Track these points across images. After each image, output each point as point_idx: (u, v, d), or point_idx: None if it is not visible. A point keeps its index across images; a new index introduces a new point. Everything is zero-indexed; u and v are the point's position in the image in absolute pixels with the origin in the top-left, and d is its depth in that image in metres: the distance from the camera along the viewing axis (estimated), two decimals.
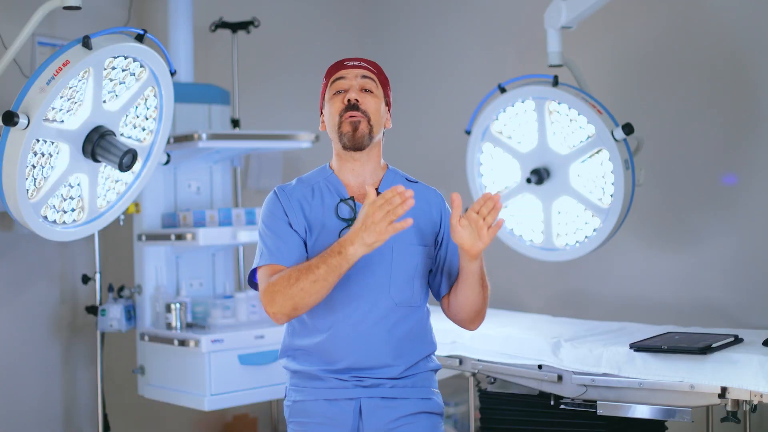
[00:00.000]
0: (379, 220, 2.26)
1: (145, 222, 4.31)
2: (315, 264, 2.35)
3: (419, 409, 2.55)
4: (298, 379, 2.58)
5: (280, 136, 4.43)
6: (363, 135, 2.51)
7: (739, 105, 4.06)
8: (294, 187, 2.60)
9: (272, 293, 2.39)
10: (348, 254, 2.31)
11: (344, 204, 2.55)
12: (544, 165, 3.99)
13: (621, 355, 3.26)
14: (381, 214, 2.26)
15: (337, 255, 2.32)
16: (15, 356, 4.33)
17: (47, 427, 4.44)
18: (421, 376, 2.58)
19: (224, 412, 4.92)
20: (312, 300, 2.37)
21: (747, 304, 4.01)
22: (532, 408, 3.62)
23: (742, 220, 4.06)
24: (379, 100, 2.57)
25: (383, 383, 2.52)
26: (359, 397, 2.51)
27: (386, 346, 2.51)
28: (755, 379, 2.96)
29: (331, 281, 2.35)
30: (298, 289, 2.35)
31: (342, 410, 2.51)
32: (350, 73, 2.56)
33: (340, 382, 2.51)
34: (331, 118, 2.55)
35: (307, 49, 5.39)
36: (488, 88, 4.22)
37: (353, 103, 2.51)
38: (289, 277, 2.37)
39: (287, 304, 2.37)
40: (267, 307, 2.41)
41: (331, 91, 2.57)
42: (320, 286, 2.35)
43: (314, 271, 2.34)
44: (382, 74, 2.62)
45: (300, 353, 2.56)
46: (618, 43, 4.48)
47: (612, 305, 4.45)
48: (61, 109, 3.31)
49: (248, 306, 4.34)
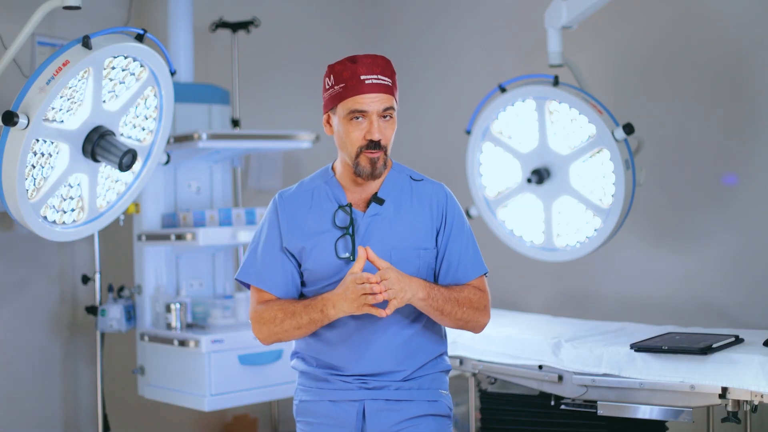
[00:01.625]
0: (357, 297, 2.37)
1: (145, 222, 4.30)
2: (299, 312, 2.47)
3: (424, 411, 2.54)
4: (305, 379, 2.61)
5: (280, 136, 4.42)
6: (380, 168, 2.50)
7: (739, 105, 4.06)
8: (293, 193, 2.60)
9: (259, 323, 2.53)
10: (329, 315, 2.44)
11: (341, 211, 2.54)
12: (544, 165, 3.98)
13: (621, 355, 3.25)
14: (359, 292, 2.36)
15: (319, 312, 2.44)
16: (15, 356, 4.33)
17: (47, 427, 4.44)
18: (429, 378, 2.57)
19: (224, 412, 4.92)
20: (293, 338, 2.53)
21: (747, 304, 4.01)
22: (533, 408, 3.62)
23: (742, 220, 4.06)
24: (396, 120, 2.52)
25: (388, 385, 2.52)
26: (363, 399, 2.51)
27: (392, 354, 2.52)
28: (756, 379, 2.95)
29: (313, 329, 2.49)
30: (281, 329, 2.49)
31: (346, 412, 2.52)
32: (371, 104, 2.45)
33: (345, 383, 2.53)
34: (346, 143, 2.49)
35: (307, 49, 5.39)
36: (488, 88, 4.21)
37: (376, 141, 2.46)
38: (274, 317, 2.49)
39: (271, 338, 2.52)
40: (254, 331, 2.55)
41: (348, 114, 2.47)
42: (303, 332, 2.50)
43: (297, 319, 2.47)
44: (395, 82, 2.53)
45: (308, 356, 2.59)
46: (618, 43, 4.48)
47: (612, 305, 4.44)
48: (60, 109, 3.31)
49: (248, 306, 4.33)
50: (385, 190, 2.57)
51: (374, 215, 2.53)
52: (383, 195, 2.56)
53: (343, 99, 2.46)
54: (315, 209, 2.55)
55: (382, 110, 2.46)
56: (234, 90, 4.75)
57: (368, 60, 2.47)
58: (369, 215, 2.53)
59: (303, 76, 5.34)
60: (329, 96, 2.52)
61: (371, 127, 2.45)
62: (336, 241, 2.50)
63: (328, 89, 2.52)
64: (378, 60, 2.49)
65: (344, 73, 2.47)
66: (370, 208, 2.54)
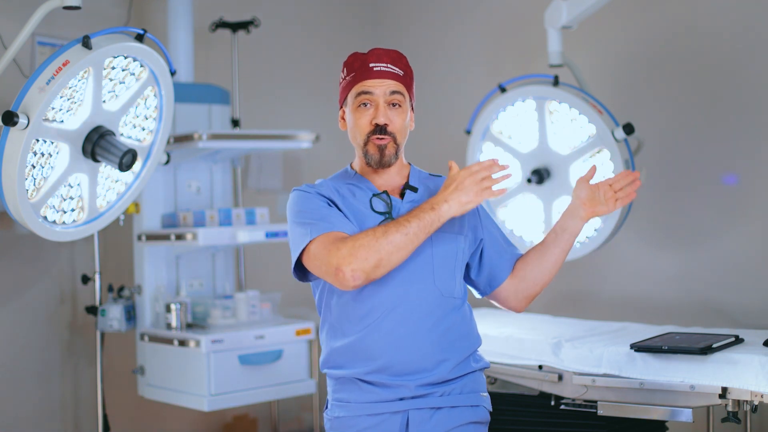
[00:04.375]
0: (473, 184, 2.31)
1: (145, 222, 4.31)
2: (404, 219, 2.29)
3: (467, 419, 2.48)
4: (342, 391, 2.47)
5: (280, 136, 4.42)
6: (390, 156, 2.47)
7: (739, 105, 4.06)
8: (321, 183, 2.54)
9: (353, 248, 2.27)
10: (442, 211, 2.30)
11: (378, 198, 2.49)
12: (544, 165, 3.99)
13: (621, 355, 3.25)
14: (477, 178, 2.31)
15: (430, 211, 2.29)
16: (15, 356, 4.33)
17: (47, 427, 4.44)
18: (470, 378, 2.51)
19: (224, 412, 4.92)
20: (397, 257, 2.29)
21: (747, 304, 4.01)
22: (533, 408, 3.62)
23: (742, 220, 4.06)
24: (406, 111, 2.50)
25: (432, 392, 2.43)
26: (407, 409, 2.42)
27: (432, 343, 2.42)
28: (756, 379, 2.95)
29: (420, 239, 2.30)
30: (386, 241, 2.27)
31: (388, 423, 2.41)
32: (378, 87, 2.45)
33: (383, 390, 2.41)
34: (356, 132, 2.48)
35: (307, 49, 5.39)
36: (488, 88, 4.22)
37: (382, 126, 2.44)
38: (375, 231, 2.29)
39: (372, 258, 2.26)
40: (344, 264, 2.27)
41: (356, 101, 2.47)
42: (409, 241, 2.28)
43: (405, 225, 2.28)
44: (408, 75, 2.51)
45: (339, 356, 2.46)
46: (618, 43, 4.48)
47: (612, 305, 4.44)
48: (60, 109, 3.31)
49: (248, 306, 4.33)
50: (413, 181, 2.56)
51: (411, 201, 2.50)
52: (414, 185, 2.54)
53: (352, 87, 2.47)
54: (349, 195, 2.50)
55: (388, 94, 2.44)
56: (234, 90, 4.75)
57: (380, 51, 2.48)
58: (406, 201, 2.50)
59: (303, 76, 5.34)
60: (341, 88, 2.52)
61: (377, 112, 2.44)
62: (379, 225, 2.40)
63: (341, 82, 2.52)
64: (390, 52, 2.48)
65: (355, 63, 2.48)
66: (406, 196, 2.51)
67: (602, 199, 2.51)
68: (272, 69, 5.26)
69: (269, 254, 5.02)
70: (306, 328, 4.28)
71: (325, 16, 5.51)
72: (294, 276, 2.49)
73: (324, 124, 5.26)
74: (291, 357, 4.25)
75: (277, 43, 5.27)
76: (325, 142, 5.02)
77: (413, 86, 2.54)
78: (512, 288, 2.62)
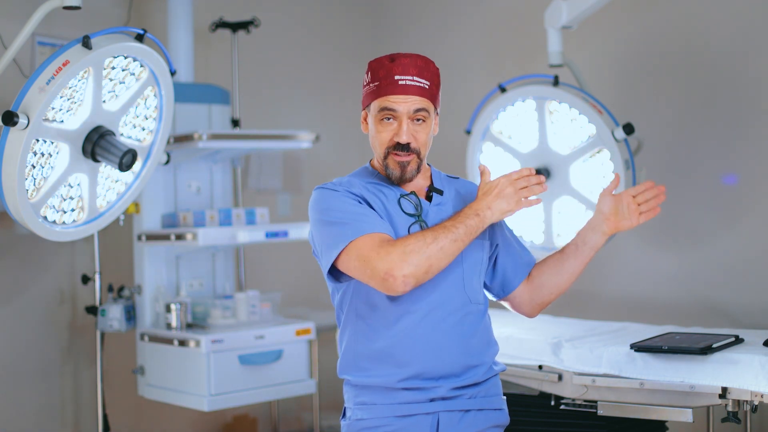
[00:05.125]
0: (514, 192, 2.31)
1: (145, 222, 4.31)
2: (451, 224, 2.28)
3: (491, 422, 2.47)
4: (366, 396, 2.42)
5: (280, 136, 4.42)
6: (411, 172, 2.43)
7: (739, 105, 4.06)
8: (347, 180, 2.48)
9: (404, 253, 2.23)
10: (486, 218, 2.31)
11: (406, 200, 2.45)
12: (544, 165, 3.98)
13: (621, 355, 3.25)
14: (517, 186, 2.31)
15: (474, 216, 2.30)
16: (15, 356, 4.33)
17: (47, 427, 4.44)
18: (492, 382, 2.50)
19: (224, 412, 4.92)
20: (445, 263, 2.28)
21: (747, 304, 4.01)
22: (533, 408, 3.61)
23: (742, 220, 4.06)
24: (430, 125, 2.44)
25: (462, 393, 2.42)
26: (437, 411, 2.40)
27: (463, 349, 2.41)
28: (756, 379, 2.95)
29: (465, 244, 2.30)
30: (437, 248, 2.25)
31: (417, 426, 2.38)
32: (402, 104, 2.39)
33: (413, 394, 2.38)
34: (376, 143, 2.44)
35: (307, 49, 5.39)
36: (488, 88, 4.22)
37: (404, 144, 2.40)
38: (424, 236, 2.26)
39: (423, 264, 2.24)
40: (396, 270, 2.23)
41: (379, 114, 2.42)
42: (458, 247, 2.28)
43: (453, 231, 2.27)
44: (434, 84, 2.44)
45: (366, 360, 2.42)
46: (618, 43, 4.48)
47: (612, 305, 4.44)
48: (60, 109, 3.31)
49: (248, 306, 4.33)
50: (438, 184, 2.53)
51: (438, 204, 2.48)
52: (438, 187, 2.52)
53: (376, 98, 2.42)
54: (378, 193, 2.45)
55: (412, 111, 2.40)
56: (234, 90, 4.75)
57: (406, 60, 2.42)
58: (434, 204, 2.47)
59: (303, 76, 5.34)
60: (365, 93, 2.47)
61: (400, 130, 2.39)
62: (410, 227, 2.39)
63: (365, 86, 2.47)
64: (417, 61, 2.43)
65: (380, 72, 2.42)
66: (433, 199, 2.48)
67: (626, 212, 2.48)
68: (272, 69, 5.26)
69: (269, 254, 5.02)
70: (306, 328, 4.28)
71: (325, 16, 5.51)
72: (327, 279, 2.42)
73: (324, 124, 5.26)
74: (291, 357, 4.25)
75: (277, 43, 5.27)
76: (325, 142, 5.02)
77: (439, 93, 2.48)
78: (527, 295, 2.60)
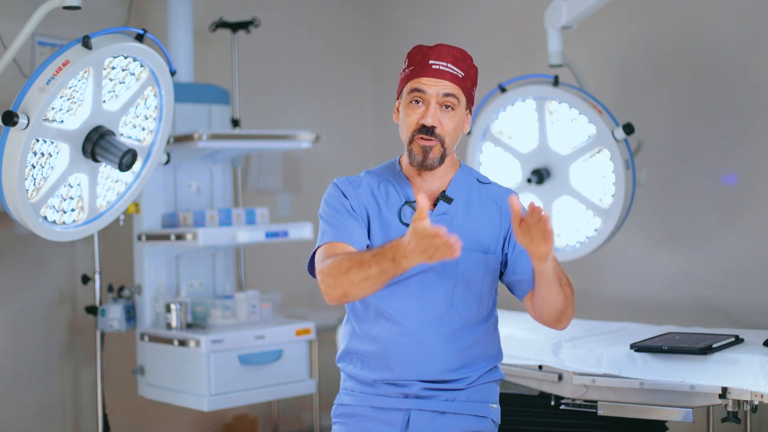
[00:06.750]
0: (425, 248, 2.11)
1: (145, 222, 4.30)
2: (368, 262, 2.21)
3: (470, 428, 2.46)
4: (352, 383, 2.52)
5: (280, 136, 4.42)
6: (433, 159, 2.41)
7: (739, 105, 4.06)
8: (360, 177, 2.52)
9: (325, 274, 2.29)
10: (401, 265, 2.17)
11: (408, 207, 2.46)
12: (544, 165, 3.98)
13: (621, 355, 3.25)
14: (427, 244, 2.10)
15: (390, 261, 2.17)
16: (15, 356, 4.33)
17: (47, 427, 4.44)
18: (481, 388, 2.49)
19: (224, 412, 4.92)
20: (362, 293, 2.26)
21: (747, 304, 4.01)
22: (533, 408, 3.62)
23: (742, 220, 4.06)
24: (459, 114, 2.42)
25: (437, 395, 2.43)
26: (409, 408, 2.43)
27: (450, 361, 2.42)
28: (756, 379, 2.95)
29: (382, 282, 2.23)
30: (348, 280, 2.24)
31: (389, 419, 2.43)
32: (432, 87, 2.39)
33: (387, 388, 2.44)
34: (403, 128, 2.44)
35: (307, 49, 5.39)
36: (488, 88, 4.21)
37: (429, 127, 2.39)
38: (340, 264, 2.26)
39: (337, 290, 2.27)
40: (321, 285, 2.31)
41: (409, 96, 2.42)
42: (370, 284, 2.23)
43: (366, 269, 2.21)
44: (468, 78, 2.44)
45: (358, 358, 2.49)
46: (618, 43, 4.47)
47: (612, 305, 4.44)
48: (60, 109, 3.31)
49: (248, 306, 4.33)
50: (454, 189, 2.50)
51: (442, 214, 2.46)
52: (451, 194, 2.48)
53: (408, 81, 2.42)
54: (381, 198, 2.47)
55: (441, 95, 2.39)
56: (234, 90, 4.75)
57: (444, 48, 2.42)
58: (437, 213, 2.46)
59: (303, 76, 5.34)
60: (400, 79, 2.48)
61: (426, 112, 2.39)
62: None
63: (401, 74, 2.48)
64: (454, 51, 2.43)
65: (416, 57, 2.43)
66: (438, 207, 2.47)
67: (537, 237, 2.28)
68: (272, 69, 5.26)
69: (269, 254, 5.02)
70: (306, 328, 4.28)
71: (325, 15, 5.51)
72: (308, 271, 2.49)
73: (324, 124, 5.26)
74: (291, 357, 4.25)
75: (277, 43, 5.27)
76: (325, 142, 5.02)
77: (474, 89, 2.47)
78: (531, 307, 2.55)
